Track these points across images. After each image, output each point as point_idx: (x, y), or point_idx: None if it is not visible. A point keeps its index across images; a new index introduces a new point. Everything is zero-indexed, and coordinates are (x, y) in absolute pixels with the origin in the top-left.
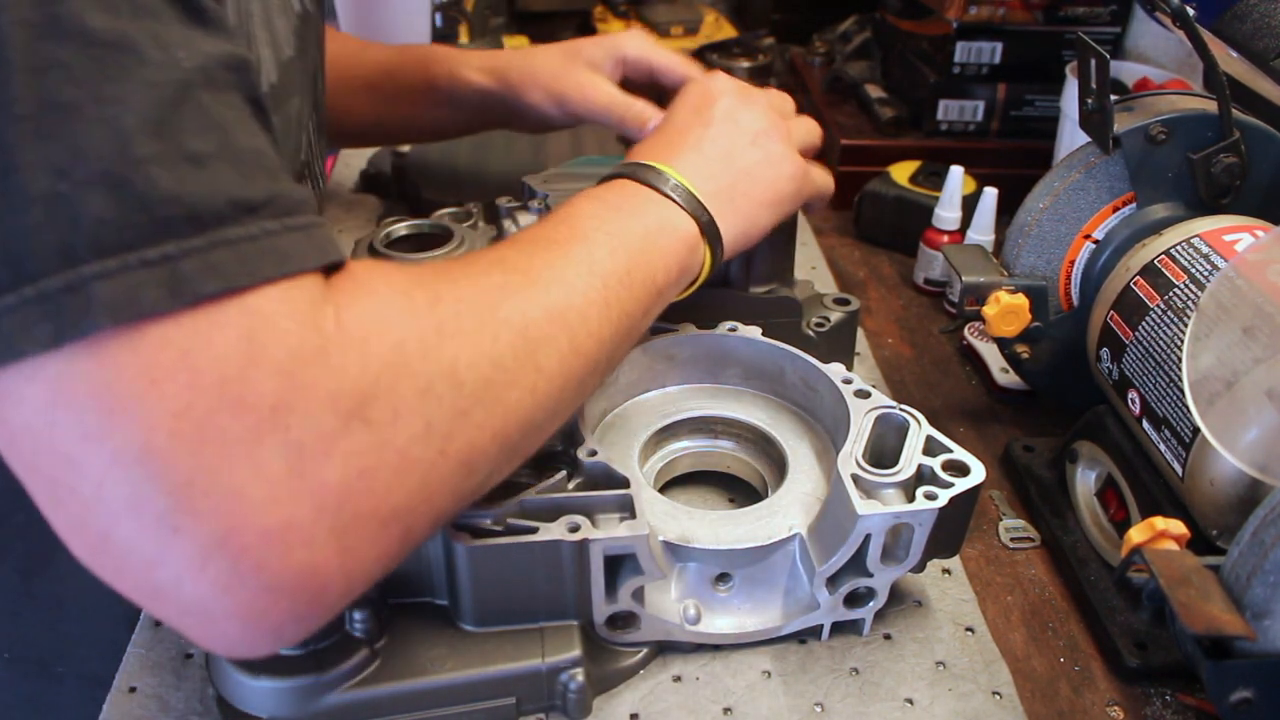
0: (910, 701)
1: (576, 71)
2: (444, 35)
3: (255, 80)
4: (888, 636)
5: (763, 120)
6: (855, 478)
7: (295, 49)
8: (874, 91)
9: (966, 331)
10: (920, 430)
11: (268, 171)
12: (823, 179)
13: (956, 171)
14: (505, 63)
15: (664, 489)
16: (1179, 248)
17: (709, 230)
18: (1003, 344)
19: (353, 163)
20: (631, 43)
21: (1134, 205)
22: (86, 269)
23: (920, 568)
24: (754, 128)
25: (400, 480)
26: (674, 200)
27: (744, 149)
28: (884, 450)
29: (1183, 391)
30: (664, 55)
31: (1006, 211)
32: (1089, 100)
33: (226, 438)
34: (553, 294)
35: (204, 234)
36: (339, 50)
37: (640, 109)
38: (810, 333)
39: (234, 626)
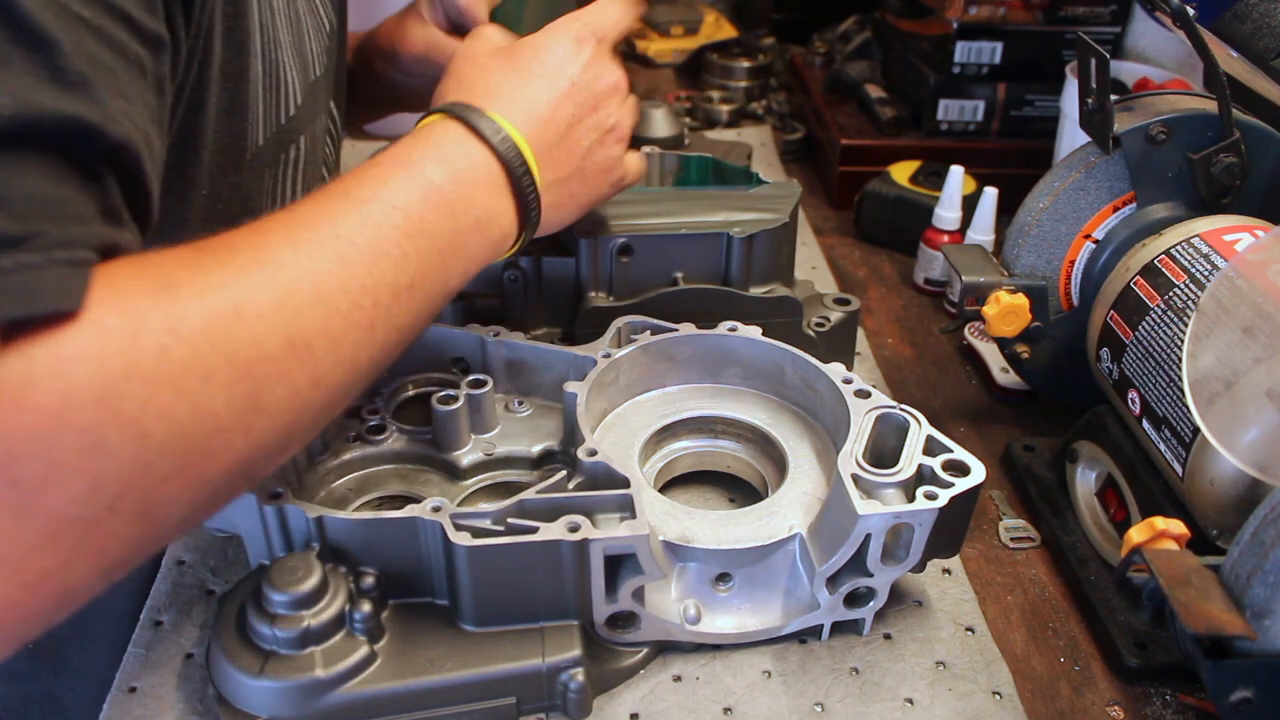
0: (910, 701)
1: (406, 24)
2: None
3: (98, 144)
4: (888, 636)
5: (617, 115)
6: (855, 478)
7: (324, 66)
8: (874, 91)
9: (966, 331)
10: (920, 430)
11: (46, 217)
12: (635, 170)
13: (956, 171)
14: (361, 37)
15: (664, 489)
16: (1179, 248)
17: (528, 223)
18: (1003, 344)
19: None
20: None
21: (1134, 205)
22: None
23: (920, 568)
24: (609, 123)
25: (51, 543)
26: (510, 186)
27: (593, 146)
28: (884, 450)
29: (1183, 391)
30: None
31: (1006, 211)
32: (1089, 100)
33: None
34: (301, 320)
35: None
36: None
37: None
38: (810, 333)
39: None
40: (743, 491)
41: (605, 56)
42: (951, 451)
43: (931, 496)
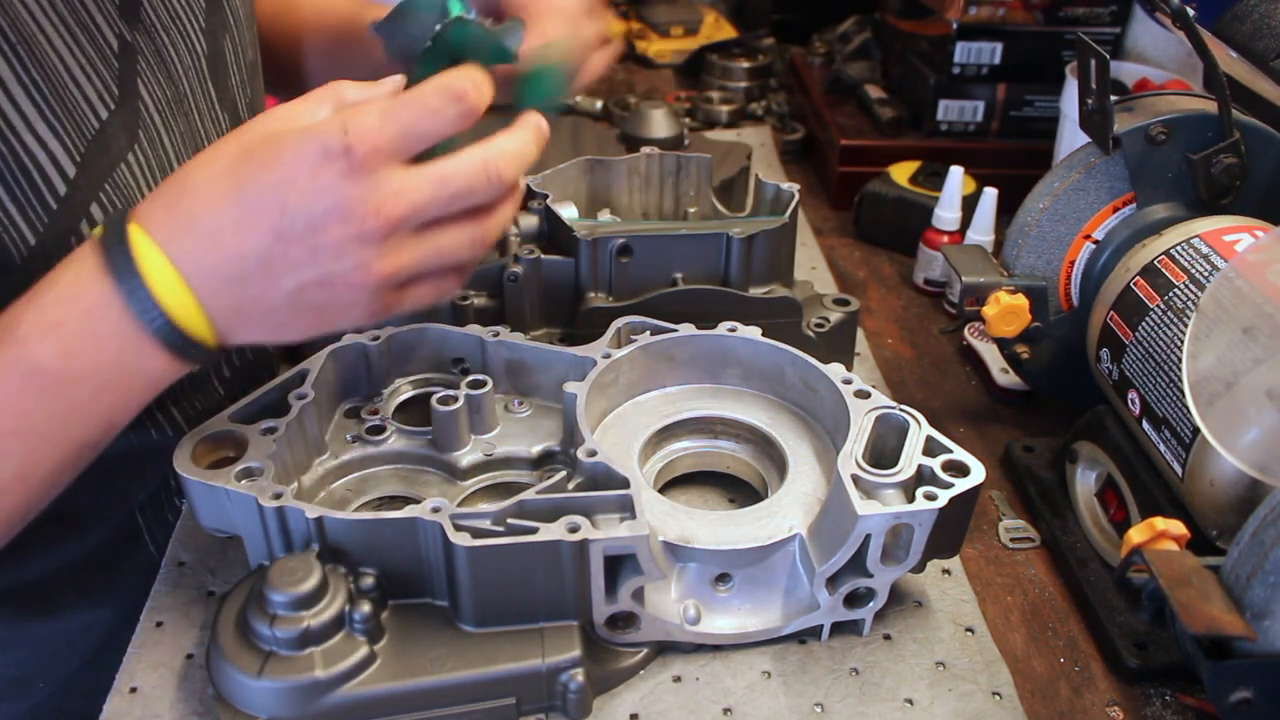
0: (910, 702)
1: None
2: None
3: None
4: (888, 637)
5: (357, 258)
6: (855, 478)
7: (123, 93)
8: (874, 92)
9: (966, 331)
10: (920, 430)
11: None
12: (421, 297)
13: (956, 172)
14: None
15: (664, 489)
16: (1179, 248)
17: (191, 355)
18: (1003, 344)
19: None
20: None
21: (1134, 206)
22: None
23: (920, 568)
24: (337, 267)
25: None
26: (150, 338)
27: (305, 288)
28: (884, 450)
29: (1183, 392)
30: None
31: (1006, 211)
32: (1089, 100)
33: None
34: None
35: None
36: (313, 3)
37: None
38: (810, 333)
39: None
40: (743, 492)
41: (363, 179)
42: (951, 452)
43: (931, 497)
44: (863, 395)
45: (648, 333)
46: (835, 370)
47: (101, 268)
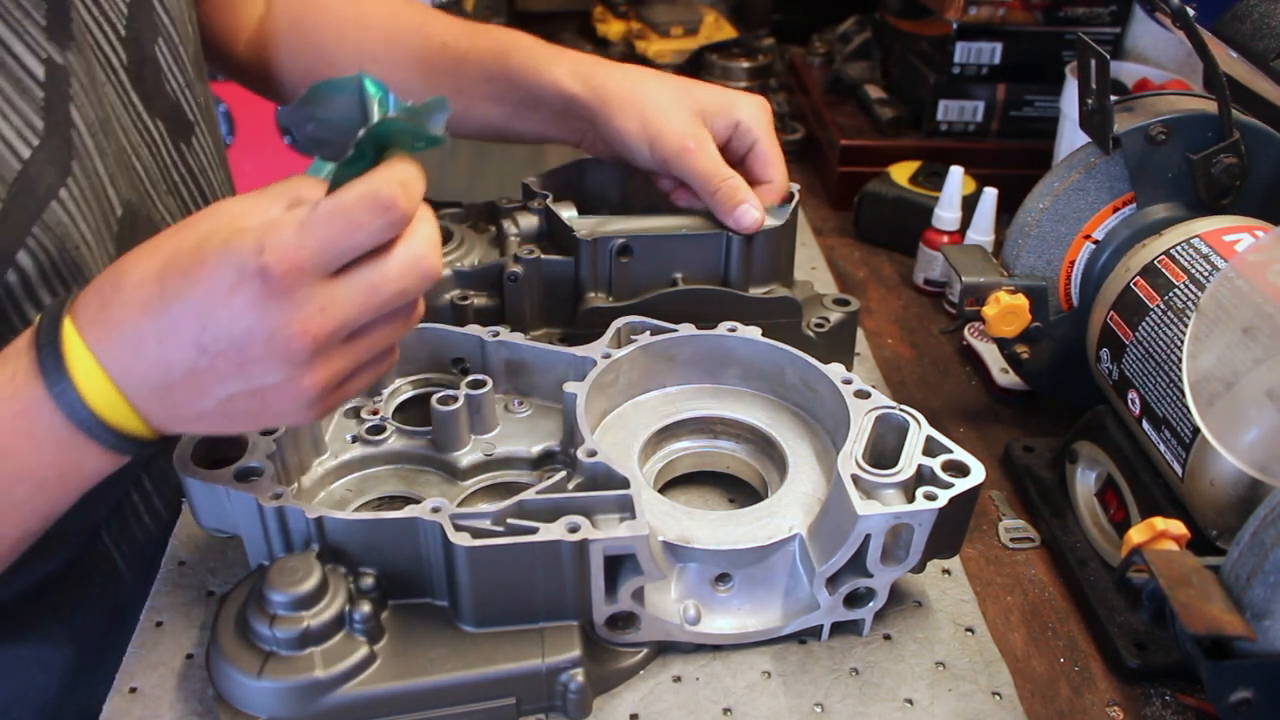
0: (910, 702)
1: (684, 119)
2: None
3: None
4: (888, 637)
5: (286, 373)
6: (855, 478)
7: (49, 124)
8: (874, 92)
9: (966, 332)
10: (920, 430)
11: None
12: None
13: (956, 172)
14: (604, 76)
15: (664, 489)
16: (1179, 248)
17: (131, 451)
18: (1003, 344)
19: None
20: (749, 112)
21: (1134, 206)
22: None
23: (920, 568)
24: (266, 381)
25: None
26: (84, 438)
27: (237, 398)
28: (884, 450)
29: (1183, 392)
30: (770, 142)
31: (1006, 211)
32: (1089, 100)
33: None
34: None
35: None
36: (393, 22)
37: (734, 189)
38: (810, 333)
39: None
40: (743, 492)
41: (283, 300)
42: (951, 452)
43: (931, 497)
44: (863, 395)
45: (648, 333)
46: (835, 370)
47: (33, 368)
